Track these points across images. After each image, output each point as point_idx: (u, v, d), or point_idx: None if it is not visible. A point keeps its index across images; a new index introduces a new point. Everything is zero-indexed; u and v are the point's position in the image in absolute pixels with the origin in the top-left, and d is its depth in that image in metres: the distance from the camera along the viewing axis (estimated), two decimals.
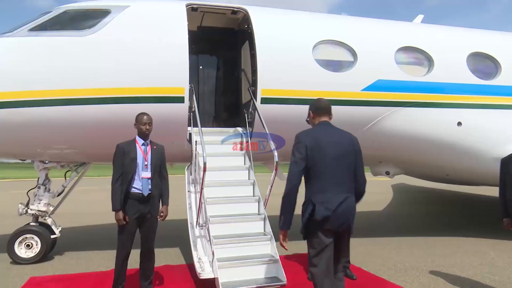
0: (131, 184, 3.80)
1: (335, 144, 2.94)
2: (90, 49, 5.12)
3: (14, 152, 5.68)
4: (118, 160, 3.82)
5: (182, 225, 5.50)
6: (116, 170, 3.80)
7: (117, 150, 3.87)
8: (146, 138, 3.97)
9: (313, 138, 2.93)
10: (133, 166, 3.80)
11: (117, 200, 3.72)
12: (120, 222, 3.72)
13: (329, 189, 2.87)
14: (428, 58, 6.55)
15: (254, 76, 5.66)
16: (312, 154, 2.87)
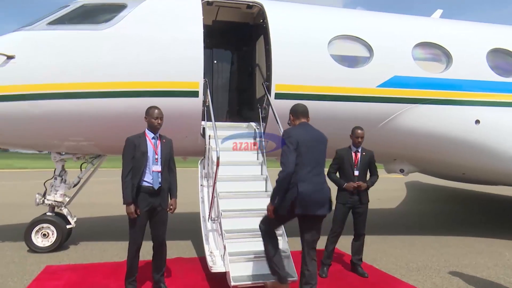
0: (142, 177, 3.81)
1: (315, 140, 3.57)
2: (107, 43, 5.17)
3: (32, 143, 5.79)
4: (129, 154, 3.80)
5: (194, 218, 5.55)
6: (127, 164, 3.79)
7: (127, 144, 3.85)
8: (156, 132, 3.97)
9: (299, 134, 3.51)
10: (144, 160, 3.81)
11: (128, 193, 3.73)
12: (132, 215, 3.75)
13: (310, 178, 3.42)
14: (446, 54, 6.40)
15: (269, 71, 5.63)
16: (299, 148, 3.42)
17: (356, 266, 4.86)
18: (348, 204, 4.78)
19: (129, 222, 3.84)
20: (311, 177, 3.42)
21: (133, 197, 3.75)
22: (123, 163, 3.82)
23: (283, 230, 4.51)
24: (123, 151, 3.86)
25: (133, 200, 3.75)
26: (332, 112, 5.81)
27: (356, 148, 4.84)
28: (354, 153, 4.83)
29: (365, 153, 4.85)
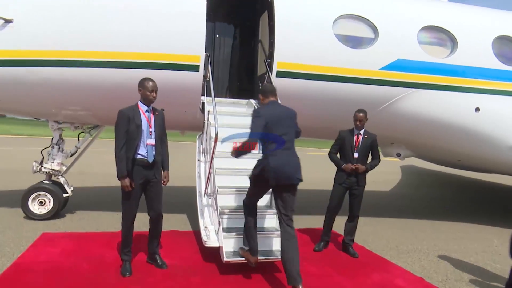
0: (137, 151, 3.78)
1: (283, 116, 3.84)
2: (107, 11, 5.04)
3: (29, 110, 5.75)
4: (123, 127, 3.74)
5: (190, 192, 5.59)
6: (121, 137, 3.73)
7: (121, 116, 3.76)
8: (150, 104, 3.91)
9: (267, 112, 3.81)
10: (139, 133, 3.77)
11: (123, 167, 3.72)
12: (127, 188, 3.75)
13: (280, 153, 3.70)
14: (452, 39, 6.30)
15: (271, 48, 5.54)
16: (268, 123, 3.72)
17: (348, 246, 4.96)
18: (344, 185, 4.87)
19: (123, 195, 3.84)
20: (280, 151, 3.71)
21: (128, 170, 3.75)
22: (117, 136, 3.75)
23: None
24: (116, 123, 3.78)
25: (128, 174, 3.75)
26: (333, 93, 5.77)
27: (358, 131, 4.85)
28: (356, 135, 4.86)
29: (367, 136, 4.86)
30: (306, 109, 5.88)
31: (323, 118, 6.12)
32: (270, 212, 4.53)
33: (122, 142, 3.73)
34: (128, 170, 3.76)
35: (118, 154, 3.74)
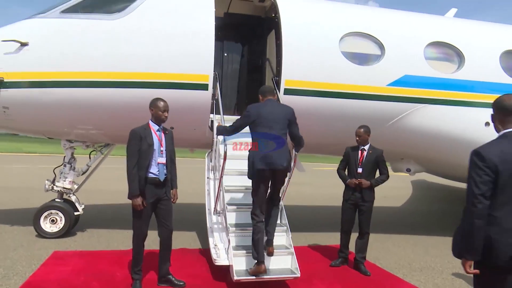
0: (149, 169, 3.83)
1: (275, 111, 4.18)
2: (118, 33, 5.19)
3: (43, 130, 5.87)
4: (135, 146, 3.80)
5: (199, 209, 5.61)
6: (133, 156, 3.78)
7: (133, 136, 3.84)
8: (161, 124, 3.99)
9: (258, 108, 4.21)
10: (151, 152, 3.83)
11: (135, 186, 3.76)
12: (139, 207, 3.77)
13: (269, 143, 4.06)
14: (459, 54, 6.33)
15: (279, 66, 5.62)
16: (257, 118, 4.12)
17: (359, 264, 4.90)
18: (350, 201, 4.88)
19: (134, 214, 3.87)
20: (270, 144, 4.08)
21: (140, 189, 3.79)
22: (129, 155, 3.81)
23: (287, 227, 4.56)
24: (128, 143, 3.84)
25: (139, 192, 3.79)
26: (341, 109, 5.80)
27: (363, 146, 4.87)
28: (360, 151, 4.90)
29: (372, 152, 4.89)
30: (314, 126, 5.92)
31: (331, 134, 6.14)
32: (280, 230, 4.51)
33: (134, 161, 3.78)
34: (140, 189, 3.80)
35: (130, 173, 3.78)
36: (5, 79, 5.00)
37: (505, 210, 2.28)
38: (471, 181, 2.30)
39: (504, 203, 2.28)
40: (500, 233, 2.26)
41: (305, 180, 13.59)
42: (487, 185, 2.25)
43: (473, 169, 2.31)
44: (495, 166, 2.26)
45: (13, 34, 5.07)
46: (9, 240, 5.38)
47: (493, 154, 2.28)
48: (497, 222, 2.27)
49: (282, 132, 4.17)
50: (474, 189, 2.27)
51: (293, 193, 8.34)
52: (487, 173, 2.26)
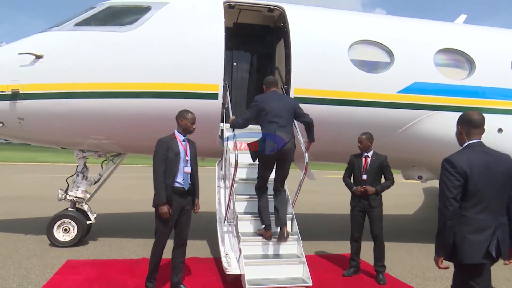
0: (175, 178, 3.88)
1: (279, 100, 4.55)
2: (130, 44, 5.30)
3: (56, 140, 5.98)
4: (162, 155, 3.85)
5: (210, 218, 5.62)
6: (160, 165, 3.83)
7: (160, 145, 3.90)
8: (186, 134, 4.06)
9: (264, 98, 4.55)
10: (177, 161, 3.88)
11: (162, 194, 3.79)
12: (165, 215, 3.79)
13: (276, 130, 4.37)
14: (469, 60, 6.30)
15: (288, 75, 5.65)
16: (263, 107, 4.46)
17: (379, 274, 4.82)
18: (358, 208, 4.87)
19: (158, 222, 3.88)
20: (276, 128, 4.38)
21: (166, 198, 3.81)
22: (156, 163, 3.85)
23: (298, 235, 4.54)
24: (155, 152, 3.89)
25: (166, 201, 3.81)
26: (351, 117, 5.80)
27: (366, 153, 4.87)
28: (364, 158, 4.90)
29: (376, 158, 4.88)
30: (324, 134, 5.90)
31: (341, 142, 6.12)
32: (291, 239, 4.50)
33: (161, 170, 3.82)
34: (167, 197, 3.82)
35: (157, 181, 3.80)
36: (21, 90, 5.13)
37: (475, 211, 2.56)
38: (443, 185, 2.58)
39: (474, 205, 2.57)
40: (472, 233, 2.54)
41: (315, 188, 13.53)
42: (457, 189, 2.54)
43: (445, 175, 2.59)
44: (464, 173, 2.55)
45: (29, 47, 5.21)
46: (23, 249, 5.46)
47: (462, 162, 2.57)
48: (469, 223, 2.56)
49: (289, 122, 4.51)
50: (447, 193, 2.55)
51: (303, 201, 8.29)
52: (457, 178, 2.54)
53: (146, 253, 5.46)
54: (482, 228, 2.54)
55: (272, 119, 4.39)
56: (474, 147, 2.69)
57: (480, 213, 2.56)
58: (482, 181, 2.56)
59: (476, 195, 2.56)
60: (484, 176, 2.57)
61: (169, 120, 5.22)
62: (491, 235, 2.54)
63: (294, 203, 4.98)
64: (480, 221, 2.55)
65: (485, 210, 2.56)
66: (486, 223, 2.55)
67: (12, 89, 5.12)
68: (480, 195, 2.56)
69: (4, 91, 5.13)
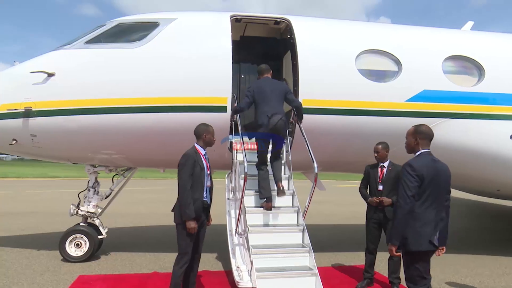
0: (203, 193, 3.88)
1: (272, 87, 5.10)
2: (139, 60, 5.38)
3: (68, 156, 6.05)
4: (190, 169, 3.79)
5: (221, 230, 5.60)
6: (188, 179, 3.77)
7: (188, 159, 3.84)
8: (206, 148, 4.09)
9: (257, 85, 5.15)
10: (203, 176, 3.88)
11: (191, 209, 3.74)
12: (193, 230, 3.76)
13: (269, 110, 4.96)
14: (478, 67, 6.25)
15: (295, 86, 5.67)
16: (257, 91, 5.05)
17: (392, 285, 4.74)
18: (373, 220, 4.78)
19: (185, 238, 3.81)
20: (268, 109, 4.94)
21: (195, 213, 3.78)
22: (184, 178, 3.78)
23: (310, 247, 4.50)
24: (183, 165, 3.83)
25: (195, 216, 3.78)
26: (360, 127, 5.77)
27: (382, 163, 4.81)
28: (380, 168, 4.83)
29: (392, 168, 4.80)
30: (333, 144, 5.91)
31: (350, 152, 6.09)
32: (302, 250, 4.46)
33: (189, 185, 3.77)
34: (196, 212, 3.79)
35: (186, 196, 3.74)
36: (33, 108, 5.23)
37: (424, 208, 3.12)
38: (404, 185, 3.10)
39: (423, 203, 3.12)
40: (422, 226, 3.10)
41: (325, 198, 13.43)
42: (415, 189, 3.09)
43: (406, 176, 3.12)
44: (422, 175, 3.09)
45: (41, 65, 5.33)
46: (36, 264, 5.49)
47: (420, 166, 3.13)
48: (419, 218, 3.11)
49: (279, 104, 5.04)
50: (407, 191, 3.09)
51: (314, 211, 8.24)
52: (416, 180, 3.09)
53: (157, 268, 5.47)
54: (428, 222, 3.11)
55: (265, 102, 4.97)
56: (426, 156, 3.23)
57: (427, 210, 3.12)
58: (432, 184, 3.12)
59: (425, 195, 3.12)
60: (433, 180, 3.13)
61: (178, 134, 5.30)
62: (434, 228, 3.12)
63: (305, 214, 4.95)
64: (427, 216, 3.11)
65: (430, 207, 3.13)
66: (431, 218, 3.12)
67: (25, 106, 5.23)
68: (428, 195, 3.12)
69: (17, 109, 5.23)
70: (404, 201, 3.07)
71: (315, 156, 4.93)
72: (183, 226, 3.78)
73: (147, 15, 5.92)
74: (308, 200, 4.91)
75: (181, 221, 3.79)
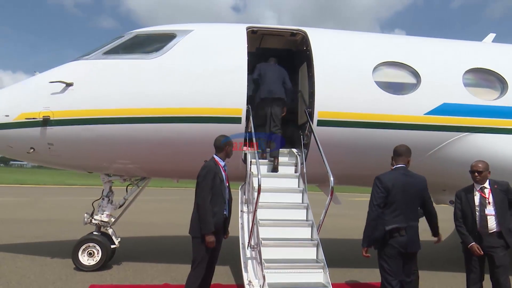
0: (222, 206, 3.81)
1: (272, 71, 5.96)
2: (155, 71, 5.43)
3: (84, 165, 6.11)
4: (210, 181, 3.72)
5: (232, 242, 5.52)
6: (208, 191, 3.70)
7: (209, 170, 3.77)
8: (224, 160, 4.03)
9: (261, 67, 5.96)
10: (224, 188, 3.81)
11: (211, 222, 3.65)
12: (212, 244, 3.68)
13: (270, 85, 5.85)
14: (500, 80, 6.08)
15: (311, 98, 5.61)
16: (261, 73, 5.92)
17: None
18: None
19: (202, 251, 3.74)
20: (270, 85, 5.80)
21: (215, 227, 3.70)
22: (204, 189, 3.70)
23: (325, 263, 4.37)
24: (203, 177, 3.75)
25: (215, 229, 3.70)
26: (377, 140, 5.65)
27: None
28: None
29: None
30: (348, 157, 5.79)
31: (366, 166, 5.95)
32: (317, 266, 4.33)
33: (209, 197, 3.70)
34: (218, 225, 3.73)
35: (206, 209, 3.66)
36: (51, 117, 5.31)
37: (392, 216, 3.60)
38: (372, 195, 3.65)
39: (392, 211, 3.61)
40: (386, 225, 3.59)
41: (340, 212, 13.17)
42: (381, 199, 3.61)
43: (374, 188, 3.66)
44: (387, 188, 3.61)
45: (60, 76, 5.43)
46: (49, 273, 5.50)
47: (387, 179, 3.66)
48: (387, 224, 3.58)
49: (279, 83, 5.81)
50: (374, 200, 3.62)
51: (328, 225, 8.06)
52: (382, 191, 3.61)
53: (168, 279, 5.41)
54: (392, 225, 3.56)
55: (267, 81, 5.79)
56: (399, 170, 3.76)
57: (396, 217, 3.58)
58: (399, 195, 3.60)
59: (394, 204, 3.60)
60: (401, 192, 3.61)
61: (193, 145, 5.28)
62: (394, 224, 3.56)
63: (319, 228, 4.83)
64: (395, 223, 3.57)
65: (399, 215, 3.59)
66: (399, 225, 3.56)
67: (43, 115, 5.31)
68: (396, 204, 3.60)
69: (35, 118, 5.32)
70: (371, 209, 3.62)
71: (331, 169, 4.83)
72: (201, 240, 3.69)
73: (165, 26, 5.99)
74: (323, 214, 4.80)
75: (198, 234, 3.70)
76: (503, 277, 3.95)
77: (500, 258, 3.96)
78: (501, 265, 3.97)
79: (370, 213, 3.61)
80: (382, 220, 3.58)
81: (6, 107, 5.40)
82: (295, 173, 5.55)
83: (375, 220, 3.57)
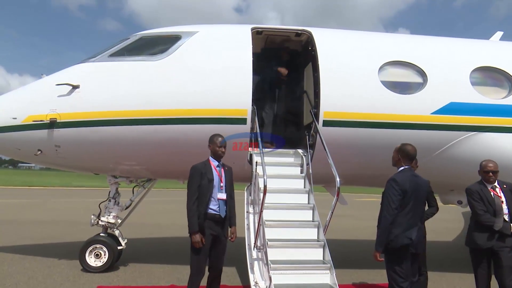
0: (208, 205, 3.82)
1: None
2: (160, 73, 5.44)
3: (91, 166, 6.14)
4: (196, 182, 3.80)
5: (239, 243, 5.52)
6: (194, 192, 3.77)
7: (194, 172, 3.85)
8: (220, 159, 4.02)
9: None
10: (211, 187, 3.83)
11: (195, 222, 3.71)
12: (198, 244, 3.71)
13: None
14: (508, 78, 6.00)
15: (317, 98, 5.59)
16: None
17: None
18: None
19: (192, 250, 3.78)
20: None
21: (199, 226, 3.74)
22: (190, 190, 3.79)
23: (331, 264, 4.35)
24: (189, 178, 3.84)
25: (199, 229, 3.73)
26: (383, 140, 5.60)
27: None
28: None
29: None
30: (355, 157, 5.76)
31: (373, 166, 5.92)
32: (323, 267, 4.31)
33: (194, 197, 3.76)
34: (200, 225, 3.75)
35: (190, 209, 3.74)
36: (58, 119, 5.34)
37: (405, 217, 3.50)
38: (389, 198, 3.50)
39: (406, 213, 3.51)
40: (402, 232, 3.46)
41: (346, 212, 13.13)
42: (398, 201, 3.48)
43: (391, 189, 3.52)
44: (404, 190, 3.49)
45: (66, 78, 5.46)
46: (56, 274, 5.54)
47: (403, 181, 3.53)
48: (401, 225, 3.47)
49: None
50: (391, 203, 3.48)
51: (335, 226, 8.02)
52: (399, 193, 3.48)
53: (175, 280, 5.41)
54: (408, 228, 3.49)
55: None
56: (408, 171, 3.66)
57: (410, 220, 3.51)
58: (413, 196, 3.53)
59: (408, 206, 3.51)
60: (414, 193, 3.54)
61: (198, 146, 5.27)
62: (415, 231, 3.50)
63: (326, 229, 4.80)
64: (408, 224, 3.49)
65: (412, 217, 3.54)
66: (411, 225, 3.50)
67: (50, 118, 5.34)
68: (410, 206, 3.52)
69: (43, 120, 5.35)
70: (389, 212, 3.46)
71: (337, 169, 4.80)
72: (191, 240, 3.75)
73: (170, 28, 6.01)
74: (329, 214, 4.77)
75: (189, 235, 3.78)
76: (509, 278, 3.94)
77: (506, 258, 3.95)
78: (507, 265, 3.95)
79: (387, 217, 3.44)
80: (396, 222, 3.45)
81: (14, 110, 5.45)
82: (301, 174, 5.53)
83: (391, 223, 3.43)
